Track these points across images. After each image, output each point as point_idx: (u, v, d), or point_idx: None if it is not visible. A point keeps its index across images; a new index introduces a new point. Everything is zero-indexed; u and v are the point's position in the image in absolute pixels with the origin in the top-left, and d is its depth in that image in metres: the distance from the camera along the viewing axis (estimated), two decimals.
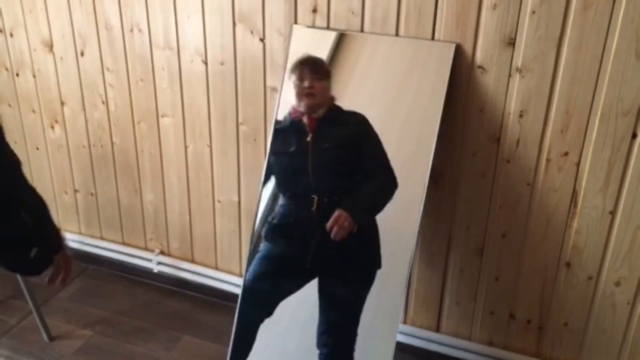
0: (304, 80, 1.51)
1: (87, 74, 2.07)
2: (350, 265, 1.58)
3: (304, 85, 1.53)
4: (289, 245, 1.60)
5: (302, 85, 1.53)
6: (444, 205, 1.72)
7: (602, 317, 1.66)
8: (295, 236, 1.59)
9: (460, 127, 1.61)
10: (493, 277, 1.75)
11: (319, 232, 1.53)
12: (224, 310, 2.11)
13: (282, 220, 1.61)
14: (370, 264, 1.55)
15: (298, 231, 1.58)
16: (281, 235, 1.61)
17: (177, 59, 1.89)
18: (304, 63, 1.53)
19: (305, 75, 1.50)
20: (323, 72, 1.52)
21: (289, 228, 1.59)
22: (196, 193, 2.08)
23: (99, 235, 2.36)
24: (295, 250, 1.59)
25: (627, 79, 1.41)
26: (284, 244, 1.61)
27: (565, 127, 1.51)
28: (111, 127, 2.12)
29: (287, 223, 1.59)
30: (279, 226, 1.60)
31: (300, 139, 1.53)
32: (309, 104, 1.50)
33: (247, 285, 1.66)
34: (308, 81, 1.51)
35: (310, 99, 1.50)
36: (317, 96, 1.51)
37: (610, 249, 1.58)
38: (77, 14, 1.99)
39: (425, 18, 1.54)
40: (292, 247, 1.60)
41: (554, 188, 1.58)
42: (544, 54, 1.46)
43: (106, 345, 2.00)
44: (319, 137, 1.51)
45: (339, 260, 1.56)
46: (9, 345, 1.99)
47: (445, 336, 1.86)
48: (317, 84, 1.51)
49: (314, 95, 1.51)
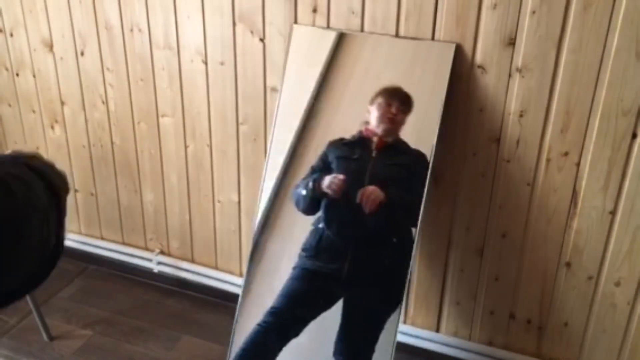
0: (392, 106, 1.60)
1: (87, 74, 2.07)
2: (380, 282, 1.61)
3: (390, 110, 1.60)
4: (328, 252, 1.62)
5: (389, 110, 1.60)
6: (444, 205, 1.72)
7: (602, 317, 1.66)
8: (337, 236, 1.61)
9: (460, 127, 1.61)
10: (493, 277, 1.75)
11: (362, 233, 1.59)
12: (224, 310, 2.11)
13: (328, 225, 1.63)
14: (397, 294, 1.59)
15: (341, 229, 1.61)
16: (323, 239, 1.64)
17: (177, 59, 1.89)
18: (394, 92, 1.61)
19: (394, 103, 1.59)
20: (408, 106, 1.60)
21: (333, 229, 1.63)
22: (196, 193, 2.08)
23: (99, 235, 2.36)
24: (333, 259, 1.61)
25: (627, 79, 1.41)
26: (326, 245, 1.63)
27: (565, 127, 1.51)
28: (111, 127, 2.12)
29: (332, 223, 1.63)
30: (324, 228, 1.64)
31: (365, 151, 1.62)
32: (387, 128, 1.60)
33: (278, 306, 1.66)
34: (395, 108, 1.60)
35: (390, 124, 1.60)
36: (396, 124, 1.60)
37: (610, 249, 1.58)
38: (77, 14, 1.99)
39: (425, 18, 1.54)
40: (332, 251, 1.62)
41: (554, 188, 1.58)
42: (544, 54, 1.46)
43: (106, 345, 2.00)
44: (383, 154, 1.61)
45: (372, 270, 1.61)
46: (9, 345, 1.99)
47: (445, 336, 1.86)
48: (400, 114, 1.60)
49: (394, 122, 1.60)
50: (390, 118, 1.60)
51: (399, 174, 1.61)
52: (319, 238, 1.61)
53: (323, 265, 1.60)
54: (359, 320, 1.63)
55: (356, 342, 1.63)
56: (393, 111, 1.60)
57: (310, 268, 1.62)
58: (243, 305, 1.74)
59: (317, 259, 1.61)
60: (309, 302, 1.64)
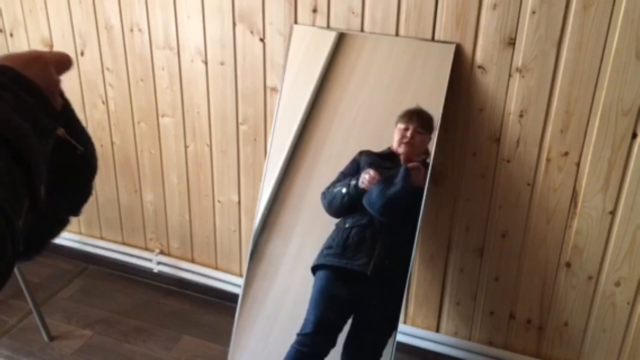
0: (408, 130, 1.61)
1: (87, 74, 2.07)
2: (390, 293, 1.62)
3: (406, 134, 1.61)
4: (355, 250, 1.63)
5: (405, 134, 1.61)
6: (444, 205, 1.72)
7: (602, 317, 1.66)
8: (363, 238, 1.61)
9: (460, 127, 1.61)
10: (493, 277, 1.75)
11: (387, 239, 1.60)
12: (224, 310, 2.11)
13: (355, 223, 1.64)
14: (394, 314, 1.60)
15: (367, 233, 1.61)
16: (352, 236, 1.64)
17: (177, 59, 1.89)
18: (412, 115, 1.61)
19: (411, 126, 1.60)
20: (427, 128, 1.60)
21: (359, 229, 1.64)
22: (196, 193, 2.08)
23: (99, 235, 2.36)
24: (359, 256, 1.61)
25: (627, 79, 1.41)
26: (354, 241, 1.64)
27: (565, 127, 1.51)
28: (111, 127, 2.12)
29: (360, 224, 1.64)
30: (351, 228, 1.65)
31: (395, 162, 1.64)
32: (405, 151, 1.61)
33: (315, 322, 1.64)
34: (411, 132, 1.60)
35: (408, 148, 1.61)
36: (415, 147, 1.61)
37: (610, 249, 1.58)
38: (77, 14, 1.99)
39: (425, 18, 1.54)
40: (358, 252, 1.62)
41: (554, 188, 1.58)
42: (544, 54, 1.46)
43: (106, 345, 2.00)
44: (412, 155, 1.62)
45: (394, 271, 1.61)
46: (9, 345, 1.99)
47: (445, 336, 1.86)
48: (418, 136, 1.61)
49: (412, 145, 1.61)
50: (407, 143, 1.61)
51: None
52: (346, 236, 1.62)
53: (348, 262, 1.61)
54: (374, 320, 1.63)
55: (366, 344, 1.64)
56: (409, 136, 1.61)
57: (335, 264, 1.63)
58: (243, 305, 1.74)
59: (342, 256, 1.62)
60: (339, 299, 1.65)
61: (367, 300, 1.63)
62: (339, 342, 1.61)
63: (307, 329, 1.61)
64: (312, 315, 1.61)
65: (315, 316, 1.61)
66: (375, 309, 1.64)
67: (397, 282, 1.58)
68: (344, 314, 1.63)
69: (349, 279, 1.62)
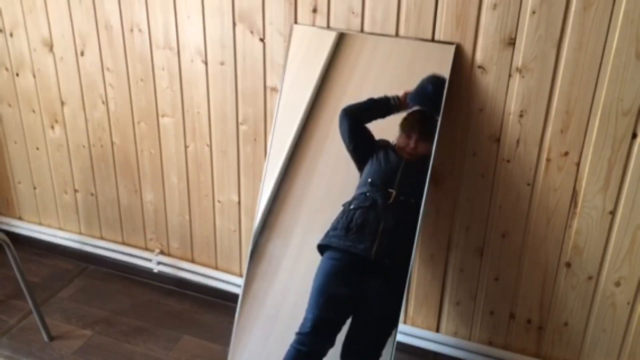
0: (411, 140, 1.59)
1: (87, 74, 2.07)
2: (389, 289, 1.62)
3: (409, 144, 1.59)
4: (358, 233, 1.62)
5: (408, 144, 1.59)
6: (444, 205, 1.72)
7: (602, 317, 1.66)
8: (366, 220, 1.61)
9: (460, 127, 1.62)
10: (493, 277, 1.75)
11: (389, 222, 1.58)
12: (224, 310, 2.11)
13: (359, 204, 1.62)
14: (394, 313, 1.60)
15: (370, 215, 1.61)
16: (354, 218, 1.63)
17: (177, 59, 1.90)
18: (414, 123, 1.58)
19: (413, 135, 1.58)
20: (431, 133, 1.57)
21: (363, 211, 1.63)
22: (196, 193, 2.08)
23: (99, 235, 2.36)
24: (362, 239, 1.60)
25: (627, 79, 1.41)
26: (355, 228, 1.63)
27: (565, 127, 1.51)
28: (111, 127, 2.12)
29: (363, 207, 1.62)
30: (355, 210, 1.64)
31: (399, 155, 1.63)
32: (407, 158, 1.60)
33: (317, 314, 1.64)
34: (414, 142, 1.58)
35: (410, 156, 1.59)
36: (419, 153, 1.59)
37: (610, 249, 1.58)
38: (77, 14, 1.99)
39: (425, 18, 1.54)
40: (361, 234, 1.61)
41: (554, 188, 1.58)
42: (544, 54, 1.46)
43: (106, 345, 2.00)
44: (416, 158, 1.61)
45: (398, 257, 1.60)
46: (9, 345, 1.99)
47: (445, 336, 1.87)
48: (421, 144, 1.58)
49: (415, 153, 1.59)
50: (409, 152, 1.60)
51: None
52: (350, 219, 1.62)
53: (352, 245, 1.61)
54: (373, 320, 1.62)
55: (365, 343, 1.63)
56: (411, 145, 1.60)
57: (340, 247, 1.63)
58: (243, 305, 1.75)
59: (346, 238, 1.62)
60: (339, 298, 1.64)
61: (367, 299, 1.63)
62: (338, 342, 1.61)
63: (306, 328, 1.61)
64: (311, 314, 1.61)
65: (314, 315, 1.61)
66: (374, 308, 1.64)
67: (398, 278, 1.58)
68: (343, 313, 1.62)
69: (352, 268, 1.61)
